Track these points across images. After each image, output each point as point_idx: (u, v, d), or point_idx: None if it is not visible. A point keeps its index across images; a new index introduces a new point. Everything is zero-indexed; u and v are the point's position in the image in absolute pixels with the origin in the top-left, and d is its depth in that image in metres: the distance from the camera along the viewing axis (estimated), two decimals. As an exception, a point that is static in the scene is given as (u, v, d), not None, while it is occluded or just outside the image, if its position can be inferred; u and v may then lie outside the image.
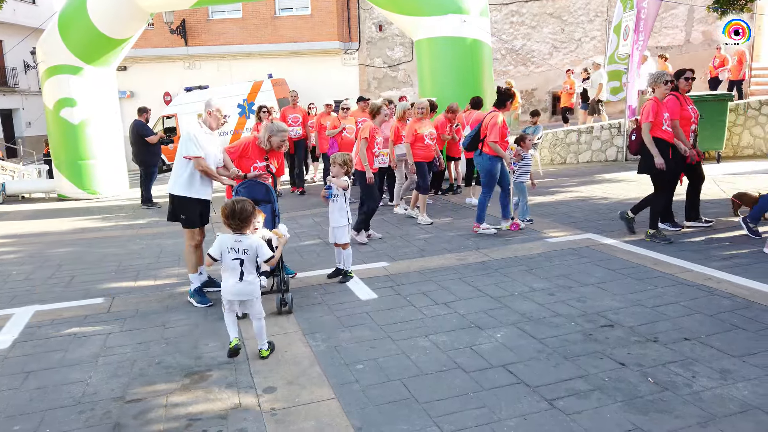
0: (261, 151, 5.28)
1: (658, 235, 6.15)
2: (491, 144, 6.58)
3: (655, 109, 5.94)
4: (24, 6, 26.39)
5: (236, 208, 3.70)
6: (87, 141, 11.68)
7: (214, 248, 3.74)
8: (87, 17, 11.01)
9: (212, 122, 5.05)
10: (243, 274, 3.73)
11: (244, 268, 3.72)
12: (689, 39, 17.83)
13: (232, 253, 3.71)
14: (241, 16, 20.05)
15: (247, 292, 3.78)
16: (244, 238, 3.74)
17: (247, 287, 3.77)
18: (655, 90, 6.10)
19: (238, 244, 3.72)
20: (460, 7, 9.97)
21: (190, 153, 4.86)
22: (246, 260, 3.72)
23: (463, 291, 4.96)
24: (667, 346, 3.68)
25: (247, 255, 3.72)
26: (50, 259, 6.99)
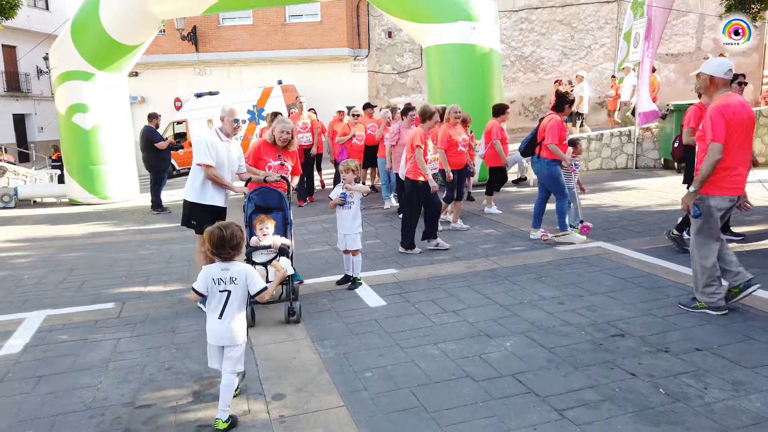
0: (273, 149, 5.37)
1: (678, 240, 6.00)
2: (550, 146, 6.41)
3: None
4: (37, 12, 26.73)
5: (225, 234, 3.06)
6: (98, 146, 11.78)
7: (200, 281, 3.16)
8: (99, 24, 11.12)
9: (227, 128, 5.08)
10: (224, 310, 3.11)
11: (228, 302, 3.11)
12: (700, 46, 17.75)
13: (219, 284, 3.12)
14: (252, 23, 20.19)
15: (227, 335, 3.12)
16: (231, 265, 3.14)
17: (227, 329, 3.11)
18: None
19: (225, 273, 3.12)
20: (469, 14, 9.99)
21: (200, 160, 4.92)
22: (233, 292, 3.12)
23: (472, 299, 4.94)
24: (678, 357, 3.65)
25: (236, 285, 3.12)
26: (62, 263, 7.04)
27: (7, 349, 4.34)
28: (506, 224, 7.86)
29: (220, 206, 5.13)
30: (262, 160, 5.34)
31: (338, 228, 5.40)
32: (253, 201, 5.06)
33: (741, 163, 4.17)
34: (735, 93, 4.24)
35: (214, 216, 5.05)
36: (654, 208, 8.26)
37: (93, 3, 11.15)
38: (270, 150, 5.38)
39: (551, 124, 6.46)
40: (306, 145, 10.16)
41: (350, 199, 5.27)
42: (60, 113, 11.85)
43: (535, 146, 6.65)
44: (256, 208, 5.06)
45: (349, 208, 5.29)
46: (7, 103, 26.21)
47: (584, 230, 6.75)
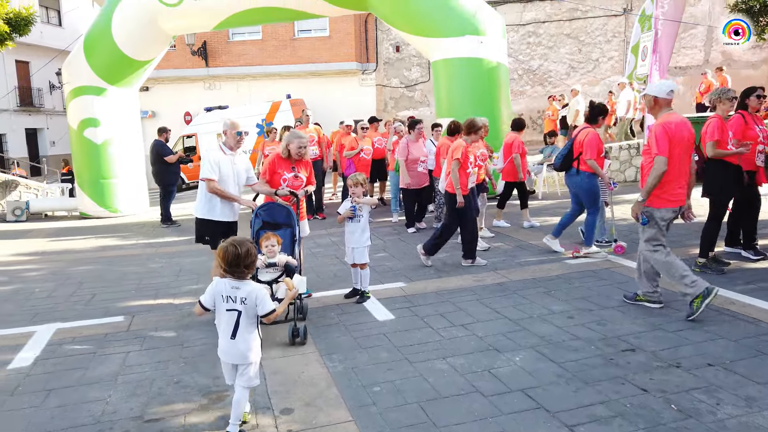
0: (286, 162, 5.39)
1: (709, 264, 5.78)
2: (589, 162, 6.26)
3: (721, 126, 5.62)
4: (51, 29, 27.15)
5: (240, 251, 3.00)
6: (109, 160, 11.90)
7: (207, 295, 3.11)
8: (111, 40, 11.29)
9: (230, 142, 5.10)
10: (237, 330, 3.07)
11: (240, 321, 3.07)
12: (708, 59, 17.74)
13: (228, 303, 3.07)
14: (261, 38, 20.41)
15: (240, 354, 3.09)
16: (242, 284, 3.07)
17: (241, 348, 3.08)
18: (717, 107, 5.78)
19: (236, 292, 3.06)
20: (477, 28, 10.04)
21: (202, 175, 4.97)
22: (243, 313, 3.07)
23: (481, 313, 4.92)
24: (690, 372, 3.61)
25: (246, 305, 3.06)
26: (72, 276, 7.09)
27: (17, 362, 4.37)
28: (515, 237, 7.84)
29: (229, 221, 5.14)
30: (277, 173, 5.36)
31: (346, 241, 5.41)
32: (261, 217, 4.99)
33: (682, 176, 4.55)
34: (676, 112, 4.63)
35: (225, 231, 5.05)
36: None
37: (106, 19, 11.33)
38: (284, 163, 5.39)
39: (589, 138, 6.28)
40: (313, 158, 10.19)
41: (359, 213, 5.29)
42: (72, 127, 12.00)
43: (572, 160, 6.45)
44: (263, 224, 4.98)
45: (358, 222, 5.30)
46: (20, 117, 26.56)
47: (618, 250, 6.59)
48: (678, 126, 4.46)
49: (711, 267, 5.77)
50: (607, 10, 17.90)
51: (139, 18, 11.19)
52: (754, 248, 6.14)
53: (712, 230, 5.83)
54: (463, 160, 6.29)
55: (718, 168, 5.71)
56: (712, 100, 5.89)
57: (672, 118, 4.52)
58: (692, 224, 6.42)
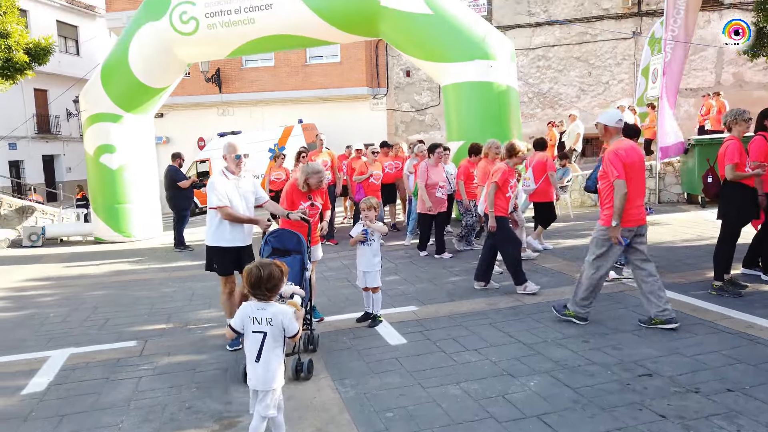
0: (303, 193, 5.37)
1: (725, 287, 5.67)
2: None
3: (739, 148, 5.55)
4: (69, 57, 27.80)
5: (263, 274, 3.02)
6: (124, 185, 12.05)
7: (236, 318, 3.13)
8: (128, 68, 11.53)
9: (231, 166, 5.01)
10: (261, 353, 3.04)
11: (264, 345, 3.04)
12: (719, 81, 17.72)
13: (255, 324, 3.06)
14: (273, 65, 20.73)
15: (265, 378, 3.04)
16: (268, 306, 3.09)
17: (264, 372, 3.04)
18: (732, 128, 5.71)
19: (261, 313, 3.06)
20: (486, 53, 10.14)
21: (212, 204, 4.90)
22: (269, 334, 3.04)
23: (495, 337, 4.88)
24: (709, 398, 3.54)
25: (272, 326, 3.04)
26: (86, 301, 7.13)
27: (31, 387, 4.38)
28: (528, 260, 7.79)
29: (239, 246, 5.05)
30: (294, 203, 5.33)
31: (358, 265, 5.40)
32: (271, 244, 4.82)
33: (638, 197, 4.88)
34: (626, 138, 5.05)
35: (237, 256, 5.03)
36: (678, 244, 8.13)
37: (123, 48, 11.59)
38: (300, 194, 5.37)
39: None
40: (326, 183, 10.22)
41: (371, 236, 5.29)
42: (88, 154, 12.20)
43: None
44: (273, 251, 4.81)
45: (370, 245, 5.30)
46: (37, 144, 27.06)
47: None
48: (628, 151, 4.83)
49: (728, 290, 5.66)
50: (617, 33, 18.01)
51: (155, 47, 11.43)
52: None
53: (725, 252, 5.73)
54: (501, 183, 6.25)
55: (736, 190, 5.63)
56: (727, 122, 5.79)
57: (622, 144, 4.88)
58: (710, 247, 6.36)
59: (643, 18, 17.95)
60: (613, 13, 18.15)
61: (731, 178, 5.58)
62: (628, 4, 17.99)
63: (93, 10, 29.97)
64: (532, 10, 18.72)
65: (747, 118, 5.68)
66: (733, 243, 5.75)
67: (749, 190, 5.63)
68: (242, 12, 10.85)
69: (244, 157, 4.99)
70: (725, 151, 5.62)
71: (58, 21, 27.62)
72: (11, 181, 24.29)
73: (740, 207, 5.65)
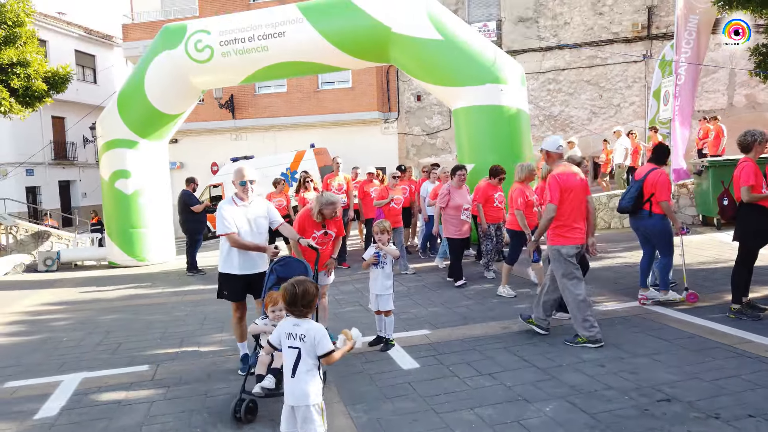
0: (316, 222, 5.36)
1: (744, 310, 5.58)
2: (663, 204, 5.96)
3: (755, 170, 5.48)
4: (86, 86, 28.38)
5: (297, 291, 3.10)
6: (138, 210, 12.17)
7: (274, 334, 3.20)
8: (144, 95, 11.75)
9: (240, 192, 4.92)
10: (296, 369, 3.06)
11: (300, 360, 3.05)
12: (732, 102, 17.67)
13: (289, 339, 3.10)
14: (286, 91, 21.00)
15: (299, 394, 3.03)
16: (303, 322, 3.12)
17: (298, 388, 3.04)
18: (752, 149, 5.62)
19: (296, 329, 3.09)
20: (497, 77, 10.21)
21: (219, 231, 4.83)
22: (303, 350, 3.06)
23: (509, 361, 4.81)
24: (729, 424, 3.45)
25: (305, 343, 3.05)
26: (99, 325, 7.15)
27: (43, 412, 4.38)
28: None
29: (249, 274, 4.90)
30: (307, 231, 5.33)
31: (370, 288, 5.38)
32: (277, 272, 4.62)
33: (578, 219, 5.24)
34: (566, 163, 5.41)
35: (246, 283, 4.92)
36: (695, 267, 8.02)
37: (139, 76, 11.82)
38: (313, 223, 5.36)
39: (663, 179, 6.01)
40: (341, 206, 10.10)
41: (383, 260, 5.28)
42: (104, 179, 12.36)
43: (644, 203, 6.13)
44: (278, 280, 4.56)
45: (382, 268, 5.29)
46: (54, 171, 27.48)
47: (691, 299, 6.23)
48: (567, 176, 5.21)
49: (746, 313, 5.56)
50: (627, 56, 18.07)
51: (170, 74, 11.65)
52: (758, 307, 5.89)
53: (742, 275, 5.64)
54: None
55: (753, 212, 5.54)
56: (749, 142, 5.69)
57: (561, 170, 5.27)
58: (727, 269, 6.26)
59: (653, 41, 18.01)
60: (622, 37, 18.23)
61: (747, 199, 5.51)
62: (638, 28, 18.08)
63: (110, 40, 30.67)
64: (542, 34, 18.87)
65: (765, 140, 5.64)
66: (751, 265, 5.66)
67: (766, 211, 5.55)
68: (256, 40, 11.05)
69: (250, 183, 4.88)
70: (740, 172, 5.55)
71: (76, 50, 28.27)
72: (28, 207, 24.63)
73: (757, 229, 5.57)
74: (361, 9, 10.50)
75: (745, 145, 5.69)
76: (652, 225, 6.15)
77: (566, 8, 18.63)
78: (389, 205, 9.32)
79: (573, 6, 18.56)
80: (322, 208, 5.27)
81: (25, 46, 13.36)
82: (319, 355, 3.06)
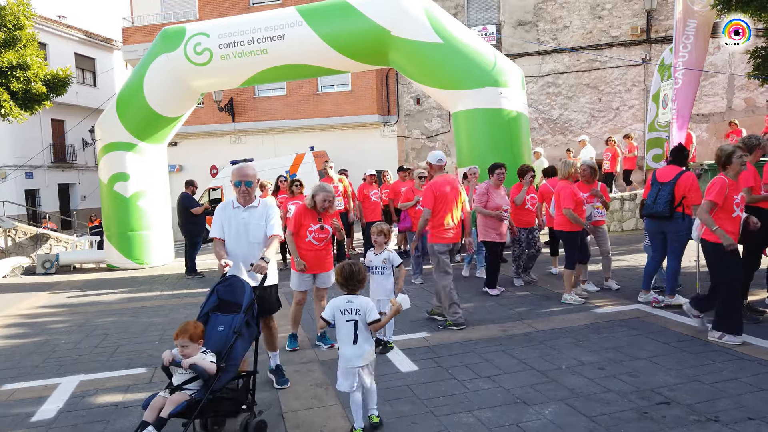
0: (312, 213, 5.38)
1: (743, 313, 5.47)
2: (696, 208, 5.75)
3: (754, 172, 5.52)
4: (86, 89, 28.40)
5: (354, 269, 3.77)
6: (137, 213, 12.16)
7: (327, 311, 3.72)
8: (143, 98, 11.74)
9: (237, 195, 4.51)
10: (357, 337, 3.64)
11: (358, 330, 3.64)
12: (731, 106, 17.68)
13: (345, 314, 3.67)
14: (286, 94, 21.01)
15: (363, 356, 3.65)
16: (355, 299, 3.71)
17: (362, 351, 3.65)
18: (751, 153, 5.64)
19: (350, 305, 3.68)
20: (496, 80, 10.22)
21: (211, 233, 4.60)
22: (359, 321, 3.65)
23: (508, 364, 4.80)
24: (729, 426, 3.44)
25: (360, 315, 3.65)
26: (97, 328, 7.13)
27: (40, 414, 4.36)
28: (540, 286, 7.71)
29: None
30: (303, 225, 5.36)
31: (371, 293, 5.31)
32: (219, 294, 3.98)
33: (450, 221, 6.06)
34: (446, 174, 6.24)
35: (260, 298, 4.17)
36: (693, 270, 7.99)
37: (138, 79, 11.82)
38: (310, 214, 5.40)
39: (695, 183, 5.95)
40: (339, 210, 9.74)
41: (383, 265, 5.26)
42: (102, 182, 12.35)
43: (677, 205, 6.00)
44: (218, 303, 3.96)
45: (382, 273, 5.28)
46: (53, 173, 27.47)
47: None
48: (440, 184, 6.04)
49: (745, 315, 5.54)
50: (626, 60, 18.10)
51: (169, 77, 11.65)
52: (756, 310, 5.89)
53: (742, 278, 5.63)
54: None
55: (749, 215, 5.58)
56: (753, 146, 5.73)
57: (438, 179, 6.11)
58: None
59: (653, 45, 18.04)
60: (621, 41, 18.26)
61: (747, 202, 5.53)
62: (637, 32, 18.11)
63: (110, 43, 30.71)
64: (542, 38, 18.90)
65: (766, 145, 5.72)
66: (751, 267, 5.66)
67: (762, 212, 5.56)
68: (255, 43, 11.05)
69: (245, 184, 4.41)
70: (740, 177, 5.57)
71: (76, 53, 28.30)
72: (27, 209, 24.61)
73: (755, 232, 5.57)
74: (361, 12, 10.51)
75: (749, 148, 5.72)
76: (684, 228, 6.03)
77: (565, 12, 18.66)
78: (416, 207, 8.46)
79: (572, 10, 18.60)
80: (314, 194, 5.32)
81: (25, 49, 13.36)
82: (368, 322, 3.65)
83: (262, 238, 4.44)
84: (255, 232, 4.42)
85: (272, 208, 4.57)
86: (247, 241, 4.40)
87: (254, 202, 4.52)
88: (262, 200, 4.59)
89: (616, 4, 18.25)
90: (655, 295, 6.36)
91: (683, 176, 6.02)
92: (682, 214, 6.01)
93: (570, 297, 6.74)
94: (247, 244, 4.40)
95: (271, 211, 4.52)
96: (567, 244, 6.93)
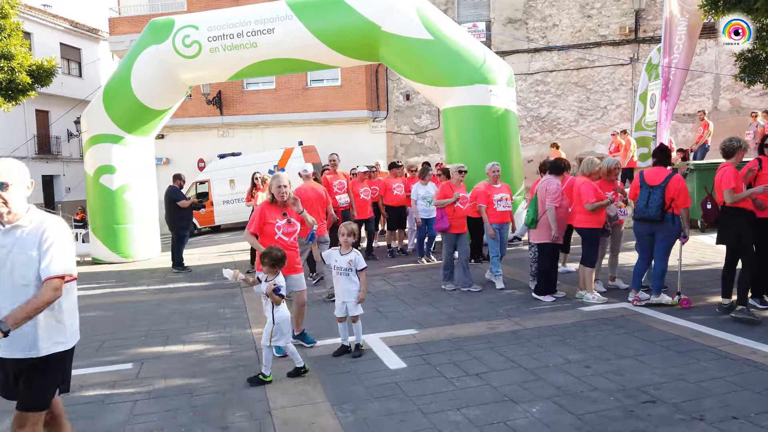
0: (276, 208, 5.25)
1: (745, 312, 5.58)
2: (684, 212, 6.00)
3: (735, 173, 5.59)
4: (71, 79, 27.98)
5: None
6: (123, 206, 12.03)
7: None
8: (130, 90, 11.60)
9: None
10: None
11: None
12: (717, 106, 17.87)
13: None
14: (274, 87, 20.88)
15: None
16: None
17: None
18: (735, 155, 5.77)
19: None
20: (486, 77, 10.22)
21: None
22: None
23: (496, 361, 4.82)
24: (714, 425, 3.48)
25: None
26: (82, 323, 6.99)
27: (24, 410, 4.29)
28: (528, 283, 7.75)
29: None
30: (269, 223, 5.17)
31: (337, 295, 5.22)
32: None
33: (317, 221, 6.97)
34: (310, 182, 7.76)
35: None
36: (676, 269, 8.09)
37: (125, 70, 11.68)
38: (274, 210, 5.24)
39: (684, 185, 5.99)
40: (344, 207, 9.31)
41: (349, 266, 5.12)
42: (88, 174, 12.20)
43: (668, 208, 6.00)
44: None
45: (347, 275, 5.12)
46: (37, 165, 27.07)
47: (685, 304, 6.15)
48: (306, 191, 7.54)
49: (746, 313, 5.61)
50: (614, 59, 18.21)
51: (157, 69, 11.52)
52: (761, 296, 6.02)
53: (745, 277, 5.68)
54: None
55: (733, 215, 5.68)
56: (734, 148, 5.81)
57: (302, 186, 7.64)
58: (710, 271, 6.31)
59: (641, 44, 18.16)
60: (610, 40, 18.37)
61: (730, 201, 5.62)
62: (626, 31, 18.23)
63: (96, 33, 30.27)
64: (531, 36, 18.95)
65: (746, 147, 5.86)
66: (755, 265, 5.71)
67: (746, 212, 5.66)
68: (244, 36, 10.96)
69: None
70: (722, 176, 5.70)
71: (61, 43, 27.87)
72: (10, 201, 24.24)
73: (739, 231, 5.67)
74: (351, 7, 10.46)
75: (729, 150, 5.87)
76: (674, 229, 6.07)
77: (555, 10, 18.73)
78: (454, 205, 7.50)
79: (562, 8, 18.66)
80: (270, 187, 5.28)
81: (9, 39, 13.16)
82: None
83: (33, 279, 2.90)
84: (21, 269, 2.89)
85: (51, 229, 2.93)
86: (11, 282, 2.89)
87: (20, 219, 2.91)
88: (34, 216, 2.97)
89: (605, 3, 18.35)
90: (636, 294, 6.43)
91: (672, 179, 6.06)
92: (672, 216, 6.06)
93: (592, 296, 6.58)
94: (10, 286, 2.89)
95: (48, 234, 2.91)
96: (588, 241, 6.71)
